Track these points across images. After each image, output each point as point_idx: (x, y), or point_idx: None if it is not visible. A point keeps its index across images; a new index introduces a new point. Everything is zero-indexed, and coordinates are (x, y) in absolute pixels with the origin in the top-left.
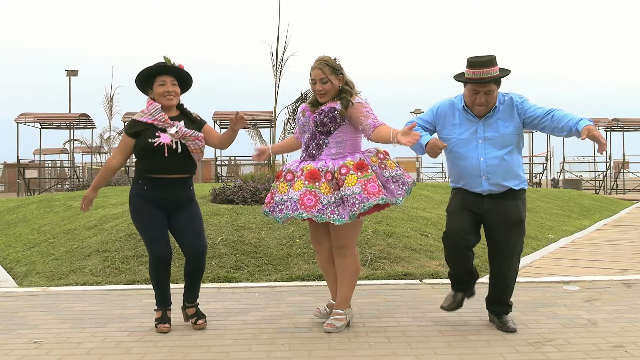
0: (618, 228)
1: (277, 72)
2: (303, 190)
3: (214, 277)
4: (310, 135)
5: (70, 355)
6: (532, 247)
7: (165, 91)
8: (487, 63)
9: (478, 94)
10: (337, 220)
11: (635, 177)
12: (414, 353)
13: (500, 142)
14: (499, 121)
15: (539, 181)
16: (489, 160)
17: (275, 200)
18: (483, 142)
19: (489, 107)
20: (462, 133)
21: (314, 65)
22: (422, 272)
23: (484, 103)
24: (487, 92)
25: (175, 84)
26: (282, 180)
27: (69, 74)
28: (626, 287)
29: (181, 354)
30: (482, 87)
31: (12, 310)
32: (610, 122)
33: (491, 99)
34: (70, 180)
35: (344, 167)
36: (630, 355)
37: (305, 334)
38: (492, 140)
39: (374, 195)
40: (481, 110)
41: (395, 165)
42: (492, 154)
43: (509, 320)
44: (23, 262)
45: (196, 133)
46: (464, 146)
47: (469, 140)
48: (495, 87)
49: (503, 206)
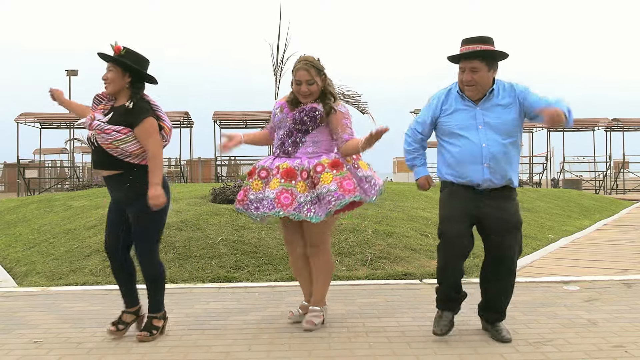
0: (618, 228)
1: (277, 72)
2: (279, 188)
3: (214, 277)
4: (287, 132)
5: (70, 355)
6: (532, 247)
7: (103, 77)
8: (476, 40)
9: (464, 72)
10: (313, 218)
11: (635, 177)
12: (414, 353)
13: (503, 128)
14: (498, 107)
15: (539, 181)
16: (491, 147)
17: (249, 197)
18: (484, 127)
19: (478, 88)
20: (461, 119)
21: (299, 66)
22: (422, 272)
23: (470, 81)
24: (472, 70)
25: (112, 69)
26: (255, 177)
27: (69, 74)
28: (626, 287)
29: (181, 354)
30: (468, 63)
31: (12, 310)
32: (610, 122)
33: (479, 78)
34: (70, 180)
35: (320, 165)
36: (630, 355)
37: (305, 334)
38: (493, 126)
39: (350, 192)
40: (471, 92)
41: (367, 166)
42: (494, 140)
43: (503, 330)
44: (23, 262)
45: (102, 125)
46: (463, 131)
47: (468, 126)
48: (482, 66)
49: (502, 207)
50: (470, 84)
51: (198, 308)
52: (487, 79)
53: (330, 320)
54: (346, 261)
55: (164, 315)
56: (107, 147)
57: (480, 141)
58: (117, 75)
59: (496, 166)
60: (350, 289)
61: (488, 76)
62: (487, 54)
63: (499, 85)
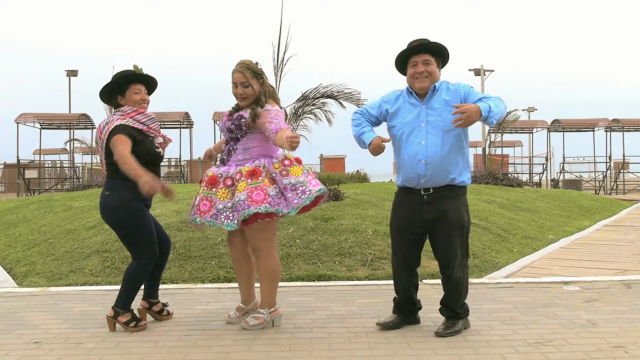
0: (618, 228)
1: (278, 72)
2: (202, 195)
3: (214, 277)
4: (226, 140)
5: (70, 355)
6: (532, 247)
7: (141, 99)
8: (426, 39)
9: (417, 65)
10: (228, 225)
11: (635, 178)
12: (414, 353)
13: (442, 126)
14: (442, 106)
15: (539, 181)
16: (429, 145)
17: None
18: (426, 125)
19: (430, 79)
20: (406, 117)
21: (235, 68)
22: (422, 272)
23: (422, 73)
24: (424, 62)
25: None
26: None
27: (69, 74)
28: (626, 288)
29: (181, 354)
30: (420, 56)
31: (12, 310)
32: (610, 123)
33: (431, 70)
34: (70, 180)
35: (239, 173)
36: (630, 356)
37: (305, 334)
38: (434, 124)
39: (256, 204)
40: (423, 82)
41: (301, 172)
42: (433, 138)
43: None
44: (23, 262)
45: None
46: (407, 131)
47: (412, 124)
48: (433, 60)
49: (442, 208)
50: (423, 75)
51: (198, 308)
52: (437, 74)
53: (330, 320)
54: (346, 261)
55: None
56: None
57: (420, 139)
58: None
59: (435, 164)
60: (350, 289)
61: (437, 72)
62: (437, 49)
63: (443, 84)
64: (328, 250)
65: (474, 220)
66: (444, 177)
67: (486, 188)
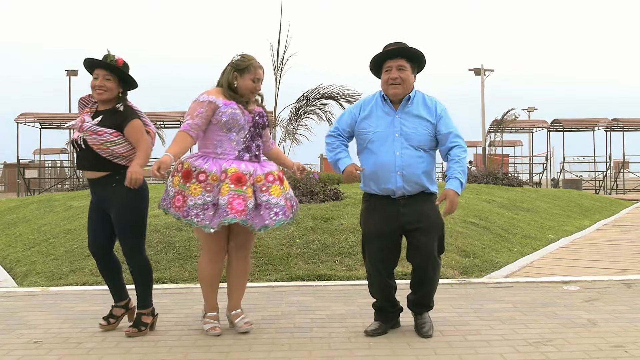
0: (618, 228)
1: (277, 72)
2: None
3: None
4: (250, 135)
5: (70, 355)
6: (532, 247)
7: (95, 85)
8: (401, 43)
9: (391, 70)
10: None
11: (635, 177)
12: (414, 353)
13: (417, 139)
14: (416, 117)
15: (539, 181)
16: (404, 156)
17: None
18: (400, 136)
19: (404, 86)
20: (379, 125)
21: (259, 64)
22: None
23: (396, 79)
24: (399, 68)
25: (110, 79)
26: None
27: (69, 74)
28: (626, 287)
29: (181, 354)
30: (394, 61)
31: (12, 310)
32: (610, 122)
33: (405, 77)
34: (70, 180)
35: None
36: (630, 356)
37: (305, 334)
38: (408, 136)
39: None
40: (396, 89)
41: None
42: (408, 150)
43: (426, 324)
44: (23, 262)
45: (94, 127)
46: (379, 140)
47: (385, 133)
48: (408, 65)
49: (419, 208)
50: (396, 81)
51: (198, 308)
52: (411, 80)
53: (330, 319)
54: (346, 261)
55: (152, 312)
56: (98, 149)
57: (395, 150)
58: (114, 85)
59: (409, 174)
60: (350, 289)
61: (412, 78)
62: (412, 54)
63: (419, 94)
64: (328, 249)
65: (474, 219)
66: (418, 188)
67: (486, 188)
